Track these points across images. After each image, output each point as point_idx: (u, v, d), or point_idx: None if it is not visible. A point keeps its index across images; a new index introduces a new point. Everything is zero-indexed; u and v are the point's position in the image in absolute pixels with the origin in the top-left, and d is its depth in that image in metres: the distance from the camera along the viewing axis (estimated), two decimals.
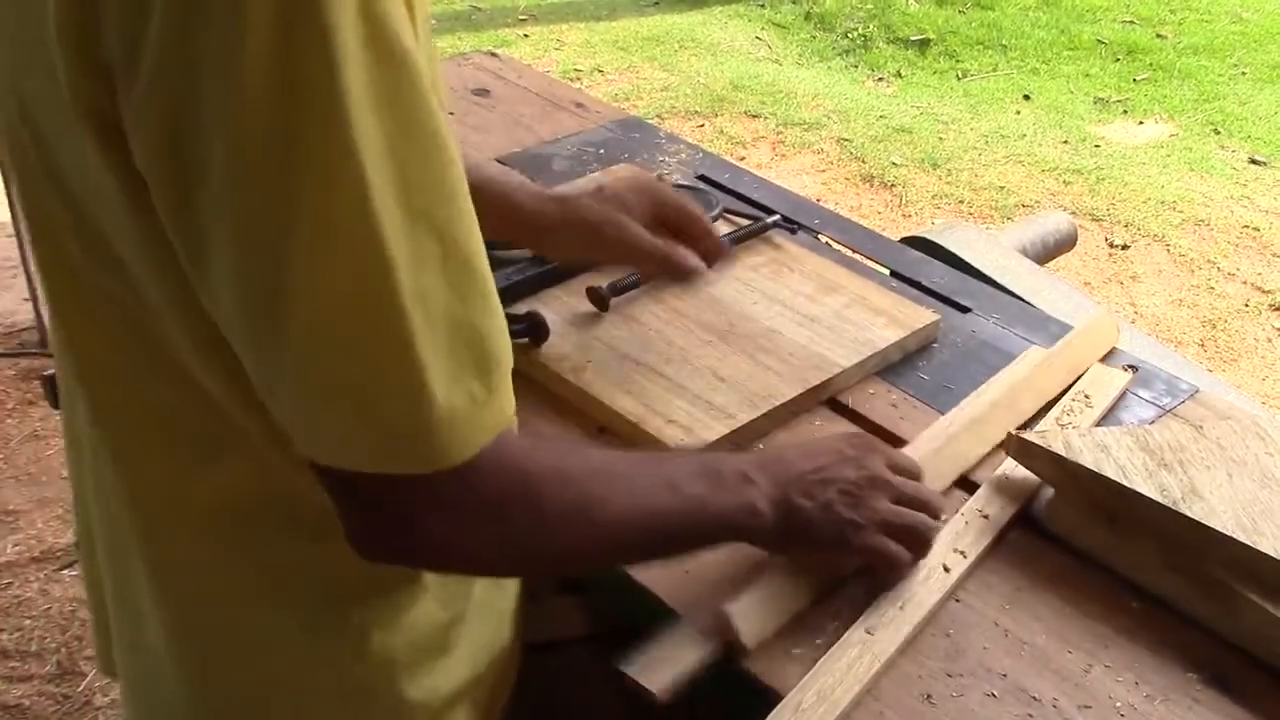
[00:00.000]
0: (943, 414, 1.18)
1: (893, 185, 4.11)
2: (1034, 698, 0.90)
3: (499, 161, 1.63)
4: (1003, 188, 4.11)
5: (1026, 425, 1.16)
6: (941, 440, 1.11)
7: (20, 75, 0.70)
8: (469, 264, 0.67)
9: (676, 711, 0.90)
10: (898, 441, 1.13)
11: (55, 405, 1.21)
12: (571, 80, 4.84)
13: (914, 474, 1.00)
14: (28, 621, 2.27)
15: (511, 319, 1.21)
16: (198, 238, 0.63)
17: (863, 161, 4.27)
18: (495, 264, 1.26)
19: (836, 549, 0.95)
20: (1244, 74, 5.20)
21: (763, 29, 5.67)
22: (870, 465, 0.96)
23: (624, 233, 1.14)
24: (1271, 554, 0.91)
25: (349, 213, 0.61)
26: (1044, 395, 1.19)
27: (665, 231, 1.16)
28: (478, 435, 0.68)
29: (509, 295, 1.26)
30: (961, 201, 4.02)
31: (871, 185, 4.13)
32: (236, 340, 0.66)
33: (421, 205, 0.63)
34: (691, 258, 1.15)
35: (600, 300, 1.26)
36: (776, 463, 0.94)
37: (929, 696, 0.90)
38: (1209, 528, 0.94)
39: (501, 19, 5.63)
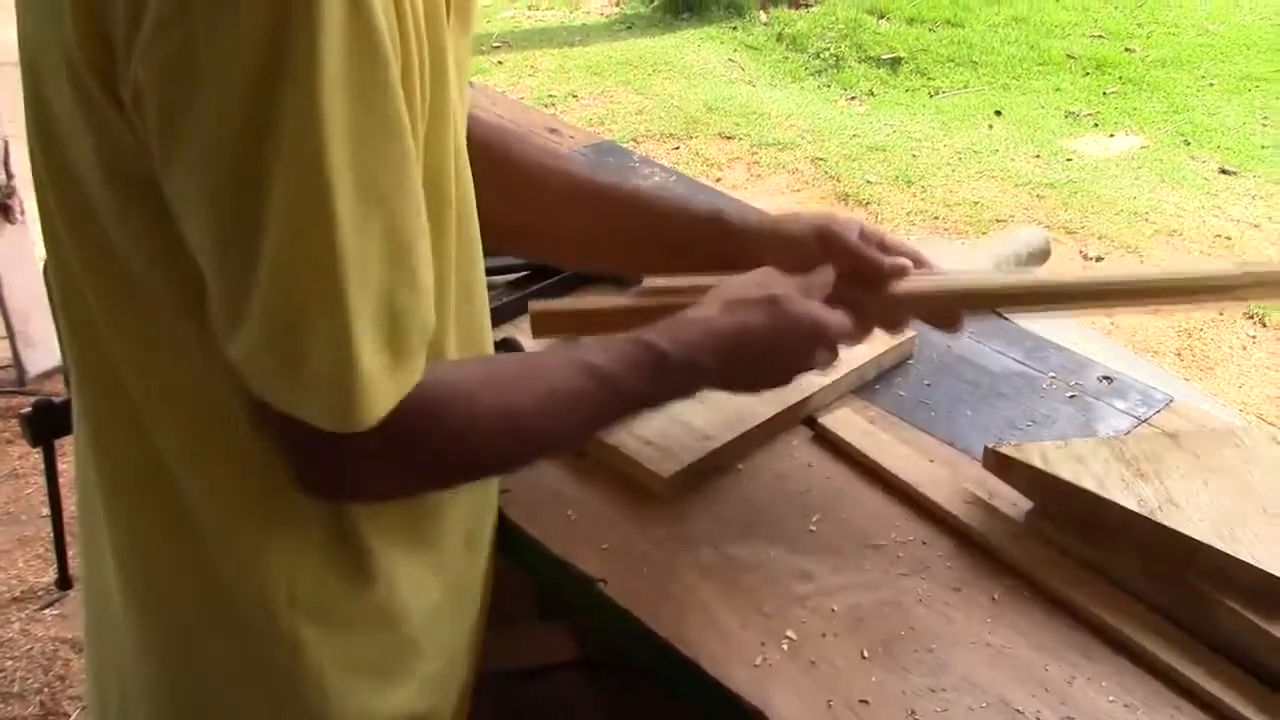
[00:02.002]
0: (921, 430, 1.19)
1: (868, 203, 4.13)
2: (1018, 710, 0.90)
3: None
4: (977, 203, 4.13)
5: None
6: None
7: (34, 46, 0.76)
8: (407, 245, 0.73)
9: None
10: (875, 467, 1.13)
11: (34, 444, 1.20)
12: (546, 106, 4.86)
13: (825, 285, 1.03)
14: (9, 662, 2.26)
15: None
16: (180, 197, 0.69)
17: (837, 180, 4.29)
18: None
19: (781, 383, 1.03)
20: (1212, 85, 5.26)
21: (735, 51, 5.70)
22: (798, 322, 0.98)
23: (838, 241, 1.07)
24: (1249, 561, 0.92)
25: (308, 184, 0.66)
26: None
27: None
28: (385, 401, 0.74)
29: None
30: (936, 218, 4.05)
31: (846, 203, 4.15)
32: (211, 288, 0.72)
33: (373, 186, 0.69)
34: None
35: None
36: (730, 350, 0.96)
37: (913, 712, 0.90)
38: (1187, 536, 0.95)
39: (475, 47, 5.63)
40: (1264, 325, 3.49)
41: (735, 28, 5.95)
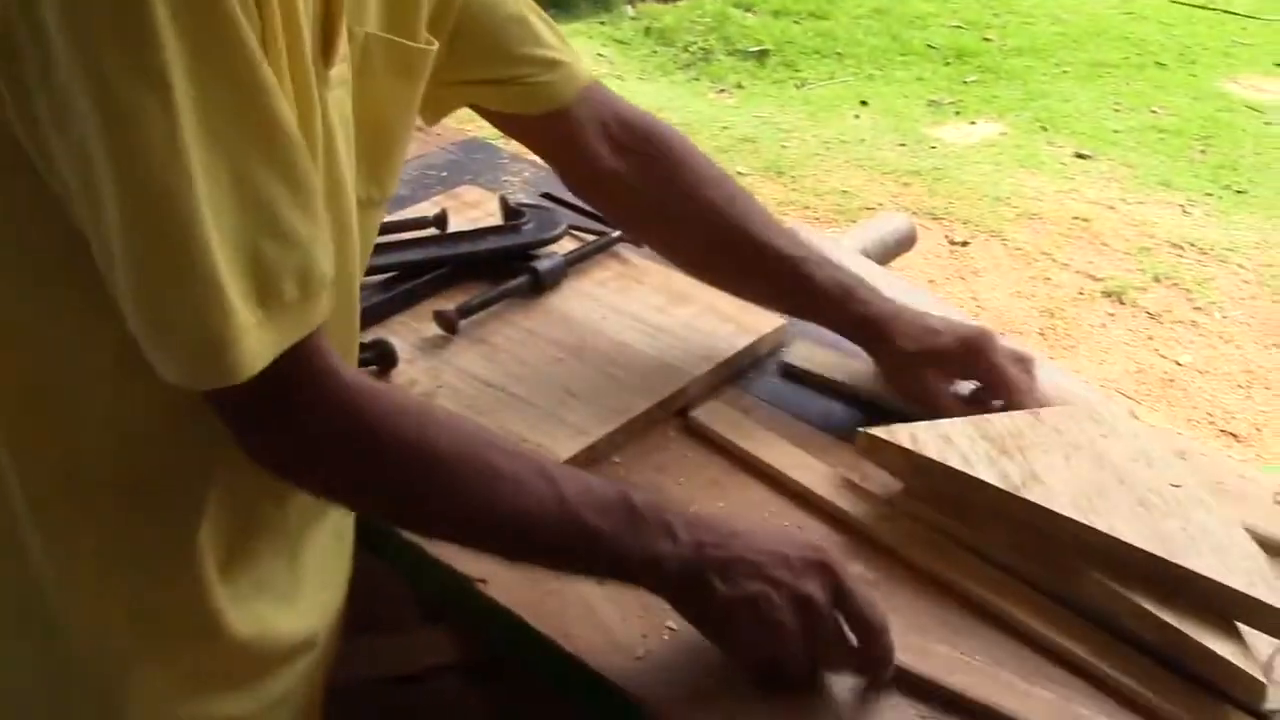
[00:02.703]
0: (795, 416, 1.20)
1: None
2: (895, 688, 0.92)
3: None
4: (845, 192, 4.20)
5: None
6: None
7: None
8: (263, 195, 0.71)
9: None
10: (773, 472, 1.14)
11: None
12: None
13: (865, 615, 0.88)
14: None
15: (359, 347, 1.19)
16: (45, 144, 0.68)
17: None
18: None
19: (722, 644, 0.91)
20: (1066, 72, 5.42)
21: (604, 46, 5.71)
22: (806, 586, 0.87)
23: (922, 387, 1.17)
24: (1107, 531, 0.95)
25: (153, 129, 0.65)
26: None
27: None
28: (260, 352, 0.72)
29: None
30: (807, 207, 4.10)
31: None
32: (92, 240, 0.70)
33: (219, 134, 0.67)
34: None
35: (448, 324, 1.25)
36: (715, 531, 0.89)
37: (794, 698, 0.91)
38: (1049, 510, 0.98)
39: None
40: (1122, 303, 3.62)
41: (603, 22, 5.95)
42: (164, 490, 0.83)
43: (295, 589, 0.94)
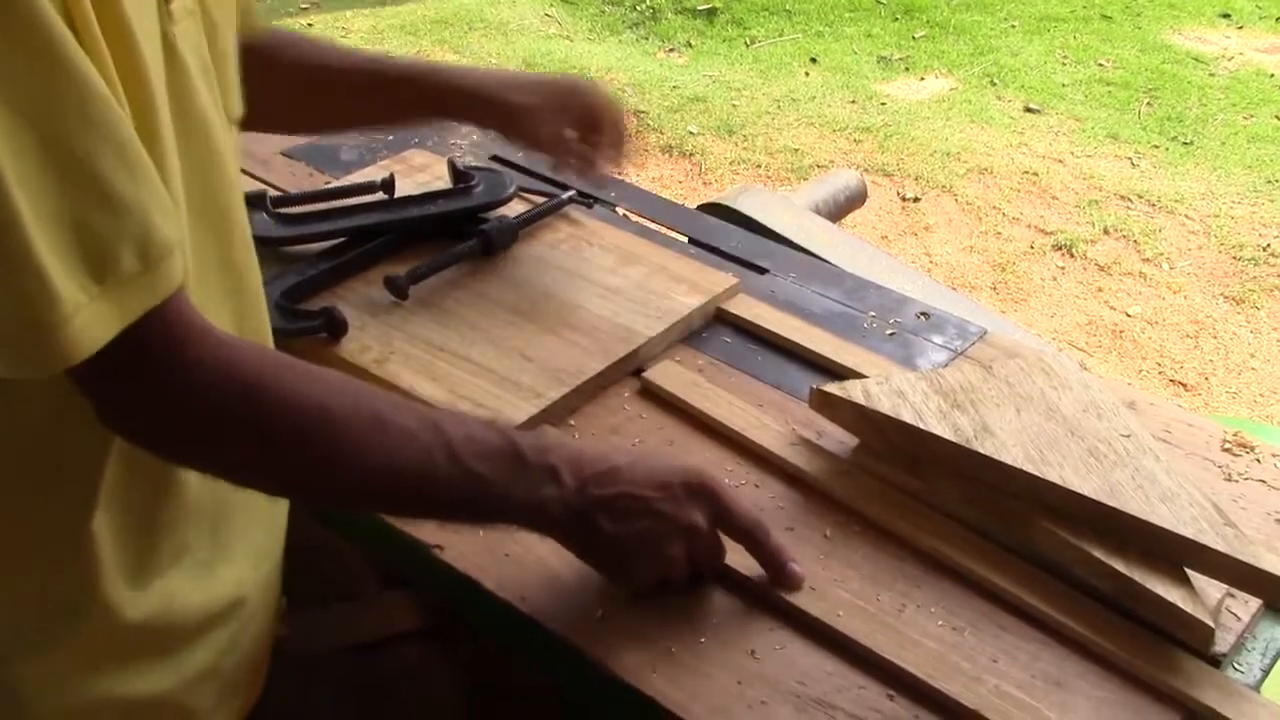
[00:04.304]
0: (750, 375, 1.20)
1: (691, 154, 4.16)
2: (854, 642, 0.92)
3: (284, 154, 1.58)
4: (797, 150, 4.20)
5: None
6: None
7: None
8: (81, 162, 0.67)
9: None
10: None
11: None
12: None
13: (747, 529, 0.95)
14: None
15: (307, 315, 1.18)
16: None
17: (661, 132, 4.31)
18: (287, 260, 1.23)
19: (610, 574, 0.95)
20: (1014, 27, 5.44)
21: (551, 6, 5.65)
22: (691, 516, 0.92)
23: (530, 140, 1.24)
24: (1058, 482, 0.96)
25: None
26: None
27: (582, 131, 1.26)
28: (99, 328, 0.69)
29: (302, 291, 1.23)
30: (759, 166, 4.10)
31: (671, 155, 4.17)
32: None
33: (15, 101, 0.63)
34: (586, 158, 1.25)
35: (399, 289, 1.24)
36: (596, 469, 0.90)
37: (753, 652, 0.92)
38: (1000, 462, 0.98)
39: (283, 8, 5.46)
40: (1072, 256, 3.65)
41: None
42: (49, 470, 0.80)
43: (221, 556, 0.92)
